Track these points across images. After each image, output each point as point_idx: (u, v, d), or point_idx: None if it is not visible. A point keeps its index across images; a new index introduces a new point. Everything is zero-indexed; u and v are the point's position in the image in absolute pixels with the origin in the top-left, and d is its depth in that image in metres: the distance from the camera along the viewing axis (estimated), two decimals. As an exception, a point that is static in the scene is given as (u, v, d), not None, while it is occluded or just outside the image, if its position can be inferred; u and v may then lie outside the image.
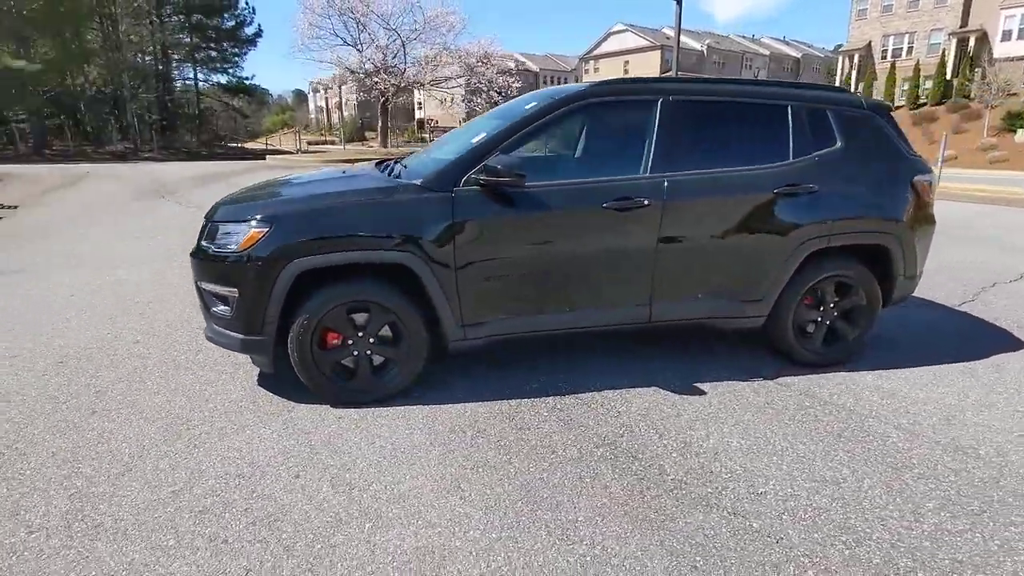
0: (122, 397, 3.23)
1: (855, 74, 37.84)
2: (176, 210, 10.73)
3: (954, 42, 33.25)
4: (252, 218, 2.95)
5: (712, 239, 3.23)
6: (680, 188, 3.14)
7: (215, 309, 3.10)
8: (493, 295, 3.11)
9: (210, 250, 3.04)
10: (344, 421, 2.97)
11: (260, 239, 2.88)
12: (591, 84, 3.24)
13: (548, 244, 3.09)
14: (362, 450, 2.71)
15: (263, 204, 3.07)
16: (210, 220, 3.13)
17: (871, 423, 2.94)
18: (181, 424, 2.94)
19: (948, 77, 32.35)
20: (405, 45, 29.01)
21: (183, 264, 5.27)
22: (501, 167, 2.87)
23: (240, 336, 3.01)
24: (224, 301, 3.04)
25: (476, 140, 3.15)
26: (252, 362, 3.43)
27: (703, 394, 3.25)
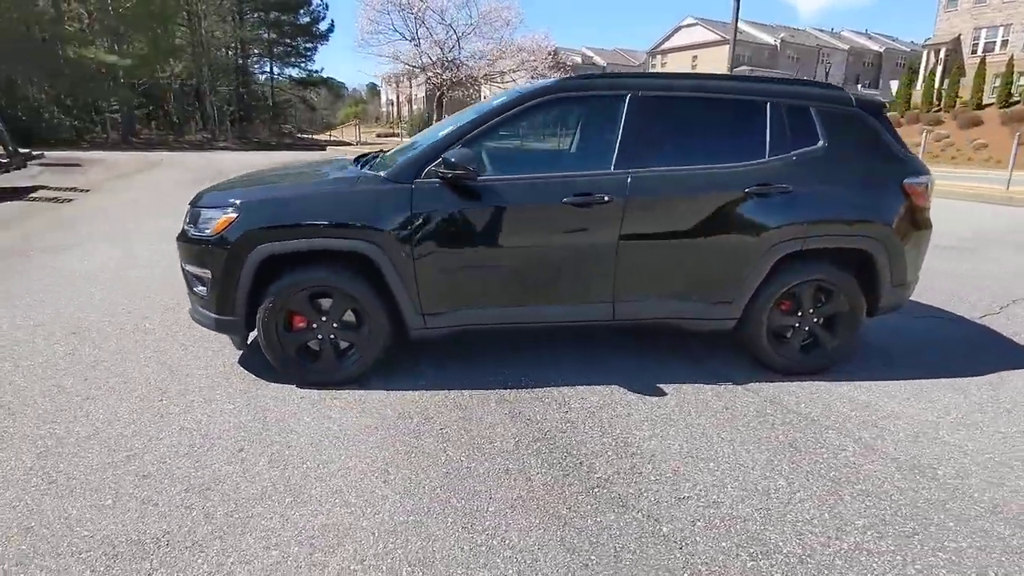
0: (114, 367, 3.48)
1: (940, 70, 35.35)
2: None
3: (1055, 35, 30.51)
4: (225, 204, 3.11)
5: (677, 238, 3.15)
6: (644, 185, 3.08)
7: (195, 289, 3.29)
8: (452, 286, 3.16)
9: (191, 233, 3.24)
10: (304, 401, 3.10)
11: (230, 224, 3.04)
12: (560, 79, 3.22)
13: (507, 237, 3.11)
14: (310, 429, 2.82)
15: (236, 192, 3.24)
16: (194, 205, 3.32)
17: (830, 435, 2.81)
18: (157, 395, 3.15)
19: (1046, 73, 29.72)
20: (460, 40, 29.43)
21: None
22: (456, 160, 2.90)
23: (214, 315, 3.19)
24: (201, 282, 3.22)
25: (442, 133, 3.20)
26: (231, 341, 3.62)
27: (663, 395, 3.19)
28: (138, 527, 2.14)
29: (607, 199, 3.05)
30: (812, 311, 3.36)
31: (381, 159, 3.57)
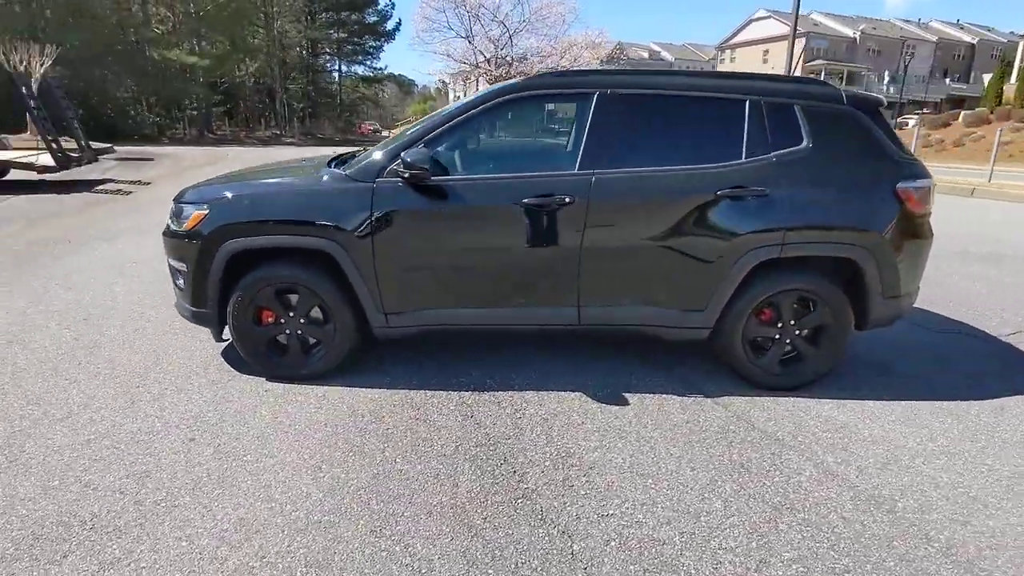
0: (107, 353, 3.68)
1: (1037, 60, 32.51)
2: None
3: None
4: (200, 201, 3.23)
5: (644, 241, 3.01)
6: (608, 186, 2.96)
7: (176, 282, 3.43)
8: (413, 286, 3.15)
9: (172, 228, 3.37)
10: (268, 395, 3.17)
11: (201, 220, 3.15)
12: (526, 78, 3.14)
13: (467, 238, 3.07)
14: (263, 423, 2.88)
15: (212, 189, 3.34)
16: (176, 202, 3.45)
17: (790, 457, 2.62)
18: (136, 382, 3.31)
19: None
20: (512, 37, 29.48)
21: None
22: (412, 160, 2.89)
23: (191, 308, 3.32)
24: (180, 275, 3.35)
25: (408, 133, 3.19)
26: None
27: (625, 404, 3.07)
28: (71, 509, 2.25)
29: (568, 200, 2.95)
30: (793, 322, 3.14)
31: (355, 159, 3.60)
